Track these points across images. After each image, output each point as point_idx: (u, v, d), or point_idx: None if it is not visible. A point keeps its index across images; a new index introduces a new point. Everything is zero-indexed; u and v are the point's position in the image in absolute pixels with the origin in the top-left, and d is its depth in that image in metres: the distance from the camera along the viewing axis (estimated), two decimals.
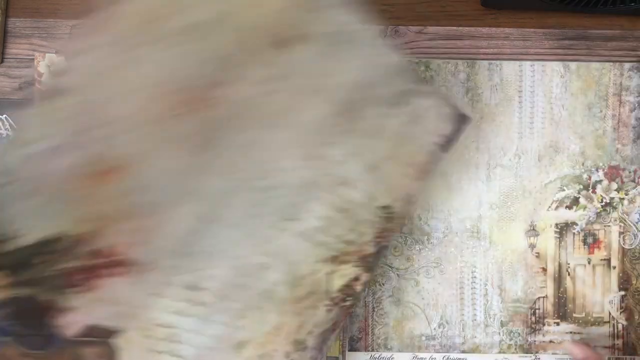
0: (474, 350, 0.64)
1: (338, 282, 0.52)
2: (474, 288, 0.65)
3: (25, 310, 0.44)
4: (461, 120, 0.55)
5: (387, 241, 0.54)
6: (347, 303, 0.53)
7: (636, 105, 0.65)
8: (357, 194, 0.51)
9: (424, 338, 0.64)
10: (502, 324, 0.65)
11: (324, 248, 0.51)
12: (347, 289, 0.53)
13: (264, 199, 0.49)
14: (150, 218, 0.45)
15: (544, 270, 0.65)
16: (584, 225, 0.65)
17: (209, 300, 0.48)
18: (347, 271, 0.52)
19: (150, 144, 0.44)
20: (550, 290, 0.65)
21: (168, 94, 0.44)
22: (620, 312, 0.65)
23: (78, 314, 0.45)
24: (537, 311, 0.65)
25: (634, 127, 0.65)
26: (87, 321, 0.45)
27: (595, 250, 0.65)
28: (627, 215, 0.65)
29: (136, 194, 0.44)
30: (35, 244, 0.44)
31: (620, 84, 0.65)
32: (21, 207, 0.42)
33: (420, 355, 0.64)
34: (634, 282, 0.65)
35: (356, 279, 0.53)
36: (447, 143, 0.55)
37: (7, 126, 0.66)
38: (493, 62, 0.65)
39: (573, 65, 0.65)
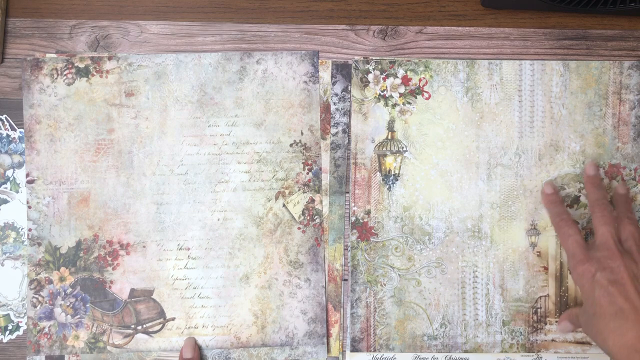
0: (476, 349, 0.64)
1: (297, 208, 0.65)
2: (476, 288, 0.65)
3: (89, 286, 0.64)
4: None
5: (317, 165, 0.65)
6: (317, 221, 0.65)
7: (636, 103, 0.65)
8: (260, 146, 0.65)
9: (425, 338, 0.64)
10: (504, 324, 0.64)
11: (263, 190, 0.65)
12: (310, 211, 0.65)
13: (190, 176, 0.65)
14: (125, 215, 0.65)
15: (546, 269, 0.65)
16: (584, 224, 0.65)
17: (199, 254, 0.65)
18: (298, 198, 0.65)
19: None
20: (551, 289, 0.65)
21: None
22: None
23: (121, 283, 0.64)
24: (538, 310, 0.65)
25: (634, 125, 0.65)
26: (129, 287, 0.64)
27: None
28: None
29: (106, 206, 0.65)
30: (74, 246, 0.65)
31: (620, 82, 0.65)
32: (57, 228, 0.65)
33: (422, 355, 0.64)
34: None
35: (312, 200, 0.64)
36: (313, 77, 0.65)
37: (7, 126, 0.65)
38: (493, 61, 0.65)
39: (573, 64, 0.65)
